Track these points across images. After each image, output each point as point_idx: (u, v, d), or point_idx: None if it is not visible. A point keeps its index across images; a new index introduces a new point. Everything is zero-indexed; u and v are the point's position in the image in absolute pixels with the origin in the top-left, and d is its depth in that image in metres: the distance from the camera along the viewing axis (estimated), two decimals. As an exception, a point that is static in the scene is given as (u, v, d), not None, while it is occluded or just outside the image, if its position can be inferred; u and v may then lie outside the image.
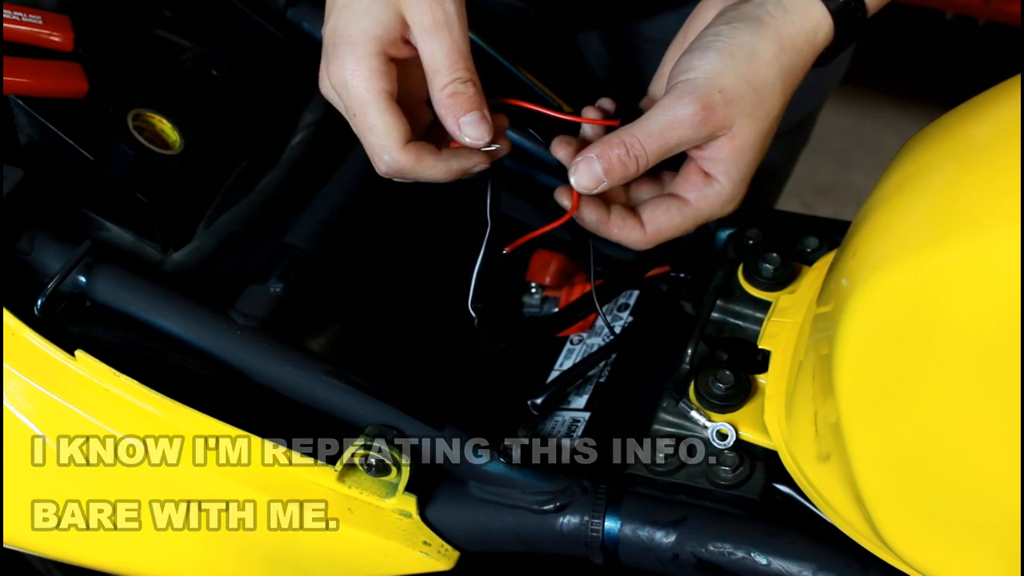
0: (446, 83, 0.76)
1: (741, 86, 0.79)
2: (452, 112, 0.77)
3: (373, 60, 0.76)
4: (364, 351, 0.96)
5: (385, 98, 0.76)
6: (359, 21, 0.76)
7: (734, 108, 0.79)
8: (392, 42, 0.77)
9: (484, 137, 0.77)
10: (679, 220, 0.84)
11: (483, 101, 0.77)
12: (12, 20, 0.87)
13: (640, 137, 0.79)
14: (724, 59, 0.79)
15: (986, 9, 2.34)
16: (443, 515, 0.83)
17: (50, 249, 0.85)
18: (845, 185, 2.57)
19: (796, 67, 0.81)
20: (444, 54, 0.76)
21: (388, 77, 0.77)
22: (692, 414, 0.83)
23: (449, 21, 0.76)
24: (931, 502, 0.67)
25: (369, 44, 0.76)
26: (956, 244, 0.62)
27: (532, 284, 1.04)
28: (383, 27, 0.76)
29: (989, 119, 0.68)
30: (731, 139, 0.80)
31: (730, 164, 0.81)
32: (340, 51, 0.77)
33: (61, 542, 0.89)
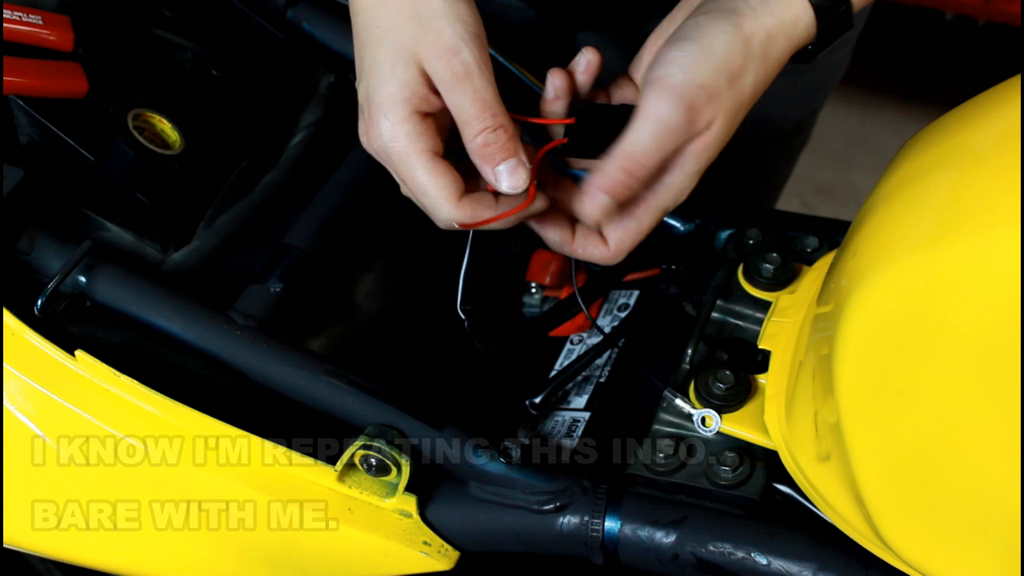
0: (476, 134, 0.75)
1: (720, 80, 0.76)
2: (487, 162, 0.76)
3: (406, 124, 0.75)
4: (364, 351, 0.96)
5: (428, 158, 0.76)
6: (385, 85, 0.76)
7: (715, 103, 0.76)
8: (422, 99, 0.76)
9: (522, 184, 0.76)
10: (634, 227, 0.81)
11: (518, 146, 0.76)
12: (12, 20, 0.87)
13: (638, 158, 0.76)
14: (702, 51, 0.76)
15: (986, 9, 2.34)
16: (443, 515, 0.83)
17: (50, 249, 0.85)
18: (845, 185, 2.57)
19: (770, 59, 0.78)
20: (469, 105, 0.75)
21: (426, 136, 0.76)
22: (677, 402, 0.83)
23: (468, 71, 0.74)
24: (931, 502, 0.67)
25: (399, 108, 0.75)
26: (956, 244, 0.62)
27: (532, 284, 1.04)
28: (409, 88, 0.75)
29: (989, 119, 0.68)
30: (701, 136, 0.78)
31: (691, 158, 0.78)
32: (374, 118, 0.76)
33: (61, 542, 0.89)
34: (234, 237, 0.94)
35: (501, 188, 0.76)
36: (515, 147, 0.76)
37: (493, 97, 0.75)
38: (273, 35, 1.00)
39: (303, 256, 0.91)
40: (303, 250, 0.91)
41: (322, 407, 0.83)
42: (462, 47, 0.74)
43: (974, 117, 0.70)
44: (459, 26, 0.75)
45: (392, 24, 0.76)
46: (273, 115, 1.00)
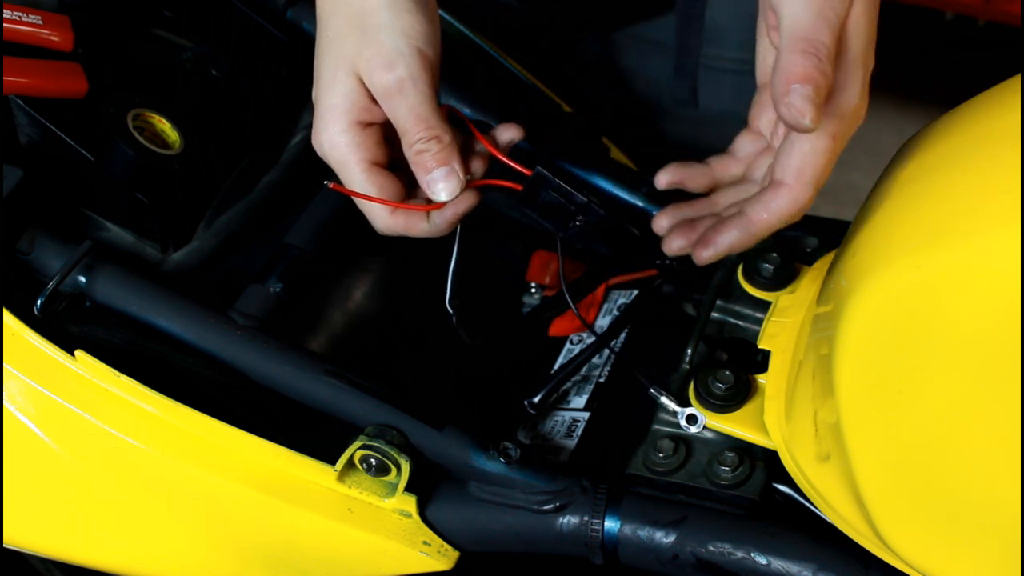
0: (411, 143, 0.77)
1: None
2: (420, 170, 0.78)
3: (345, 134, 0.78)
4: (364, 351, 0.96)
5: (365, 168, 0.78)
6: (327, 95, 0.78)
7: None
8: (363, 109, 0.78)
9: (452, 191, 0.78)
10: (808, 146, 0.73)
11: (452, 156, 0.77)
12: (12, 20, 0.87)
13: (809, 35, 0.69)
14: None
15: (986, 9, 2.34)
16: (443, 515, 0.83)
17: (50, 249, 0.85)
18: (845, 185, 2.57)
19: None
20: (403, 118, 0.77)
21: (365, 146, 0.78)
22: (663, 400, 0.83)
23: (402, 86, 0.76)
24: (931, 502, 0.67)
25: (339, 119, 0.78)
26: (956, 244, 0.62)
27: (532, 284, 1.04)
28: (348, 99, 0.77)
29: (989, 119, 0.68)
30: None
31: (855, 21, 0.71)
32: (318, 125, 0.79)
33: (61, 542, 0.89)
34: (234, 237, 0.94)
35: (432, 194, 0.78)
36: (449, 156, 0.77)
37: (429, 111, 0.77)
38: (273, 35, 1.00)
39: (303, 256, 0.91)
40: (303, 250, 0.91)
41: (322, 407, 0.83)
42: (398, 61, 0.76)
43: (974, 117, 0.70)
44: (400, 40, 0.76)
45: (339, 33, 0.78)
46: (273, 115, 1.00)
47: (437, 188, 0.78)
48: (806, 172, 0.75)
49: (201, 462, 0.83)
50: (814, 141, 0.73)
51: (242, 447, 0.83)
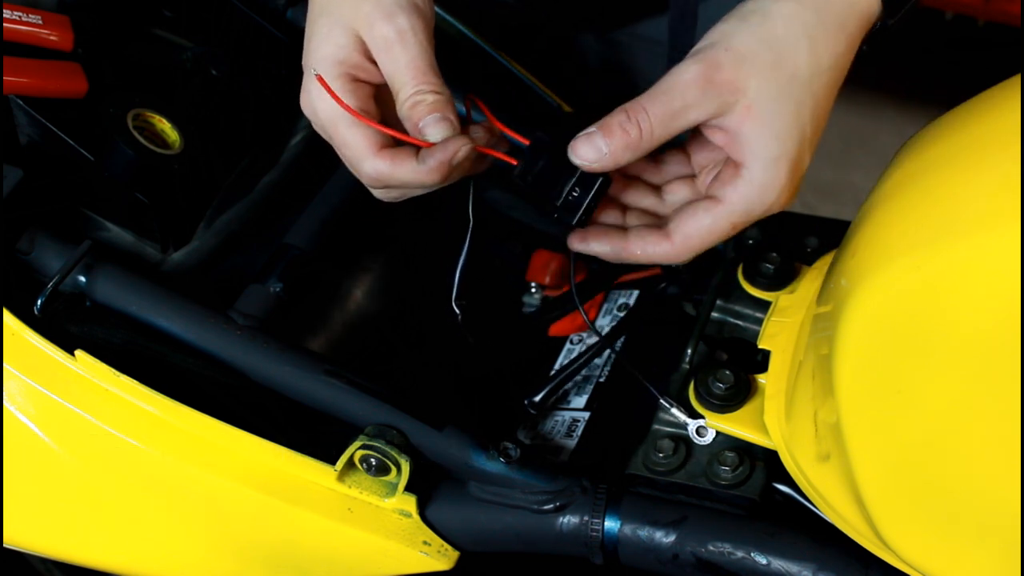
0: (406, 97, 0.75)
1: (752, 43, 0.71)
2: (412, 121, 0.75)
3: (335, 83, 0.76)
4: (364, 351, 0.96)
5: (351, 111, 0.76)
6: (320, 48, 0.76)
7: (746, 66, 0.71)
8: (355, 65, 0.76)
9: (445, 132, 0.74)
10: (708, 222, 0.75)
11: (445, 106, 0.75)
12: (12, 20, 0.87)
13: (641, 102, 0.72)
14: (734, 23, 0.73)
15: (986, 9, 2.34)
16: (443, 515, 0.83)
17: (50, 249, 0.85)
18: (845, 185, 2.57)
19: (830, 25, 0.72)
20: (402, 70, 0.75)
21: (355, 95, 0.76)
22: (673, 411, 0.83)
23: (403, 37, 0.74)
24: (931, 502, 0.67)
25: (330, 69, 0.76)
26: (956, 244, 0.62)
27: (532, 284, 1.04)
28: (343, 52, 0.76)
29: (989, 119, 0.68)
30: (749, 108, 0.72)
31: (756, 140, 0.72)
32: (305, 79, 0.77)
33: (61, 542, 0.89)
34: (234, 237, 0.94)
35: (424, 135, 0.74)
36: (444, 107, 0.75)
37: (427, 65, 0.75)
38: (273, 35, 1.00)
39: (303, 256, 0.91)
40: (303, 250, 0.91)
41: (322, 407, 0.83)
42: (398, 13, 0.74)
43: (974, 117, 0.70)
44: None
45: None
46: (273, 115, 1.00)
47: (428, 130, 0.74)
48: (692, 241, 0.76)
49: (201, 462, 0.83)
50: (716, 219, 0.75)
51: (242, 447, 0.83)
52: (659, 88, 0.73)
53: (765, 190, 0.74)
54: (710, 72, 0.72)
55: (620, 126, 0.72)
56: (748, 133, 0.73)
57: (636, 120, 0.72)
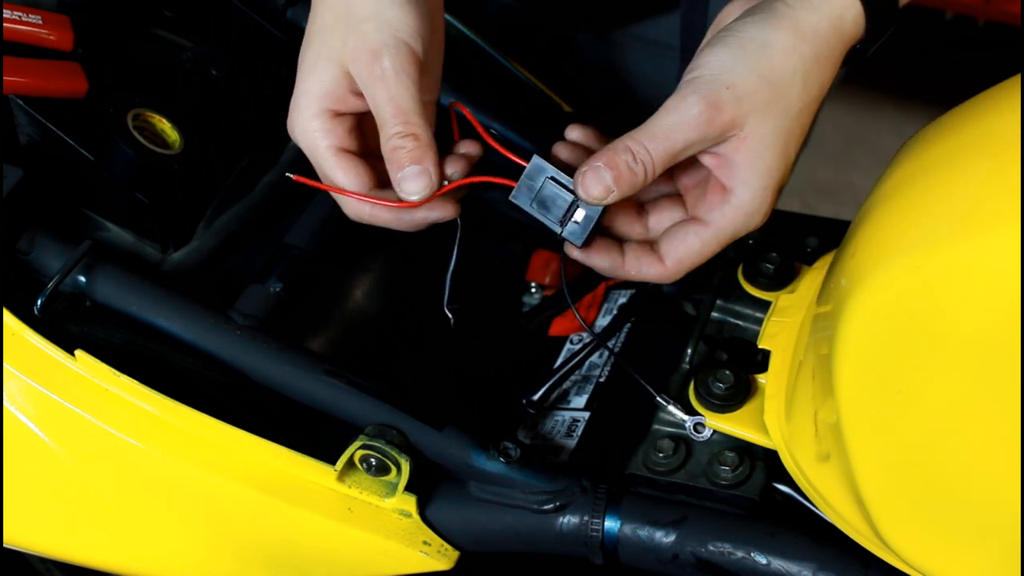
0: (387, 138, 0.76)
1: (752, 80, 0.74)
2: (393, 165, 0.77)
3: (315, 120, 0.78)
4: (364, 351, 0.96)
5: (334, 153, 0.78)
6: (304, 80, 0.78)
7: (745, 104, 0.74)
8: (338, 99, 0.78)
9: (422, 192, 0.76)
10: (699, 245, 0.78)
11: (426, 155, 0.76)
12: (12, 20, 0.87)
13: (644, 141, 0.74)
14: (732, 53, 0.74)
15: (986, 9, 2.34)
16: (443, 515, 0.83)
17: (50, 249, 0.85)
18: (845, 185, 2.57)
19: (822, 57, 0.75)
20: (383, 108, 0.76)
21: (335, 133, 0.78)
22: (670, 408, 0.83)
23: (385, 76, 0.75)
24: (931, 502, 0.67)
25: (312, 104, 0.78)
26: (956, 244, 0.62)
27: (532, 284, 1.04)
28: (326, 86, 0.77)
29: (989, 119, 0.68)
30: (743, 139, 0.75)
31: (747, 169, 0.76)
32: (291, 113, 0.79)
33: (61, 542, 0.89)
34: (234, 237, 0.94)
35: (400, 192, 0.77)
36: (422, 155, 0.76)
37: (410, 105, 0.76)
38: (273, 35, 1.00)
39: (303, 256, 0.91)
40: (303, 250, 0.91)
41: (322, 407, 0.83)
42: (383, 52, 0.76)
43: (974, 117, 0.70)
44: (386, 31, 0.76)
45: (324, 24, 0.78)
46: (273, 115, 1.00)
47: (407, 187, 0.76)
48: (684, 263, 0.79)
49: (201, 462, 0.83)
50: (705, 242, 0.78)
51: (242, 447, 0.83)
52: (662, 126, 0.75)
53: (751, 215, 0.78)
54: (712, 113, 0.74)
55: (628, 167, 0.74)
56: (740, 162, 0.76)
57: (642, 162, 0.74)
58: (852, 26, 0.76)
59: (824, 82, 0.77)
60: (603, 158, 0.75)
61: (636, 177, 0.75)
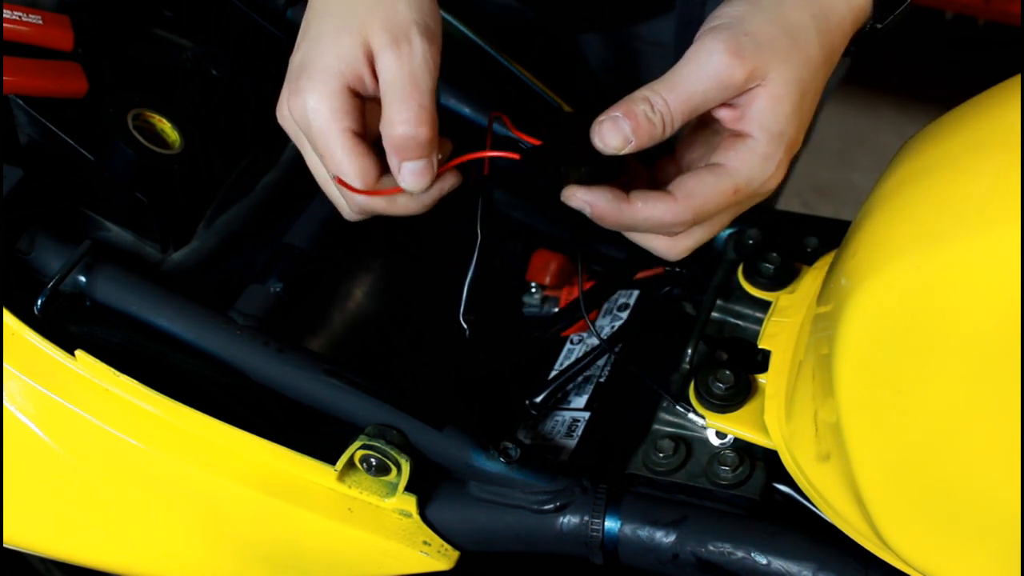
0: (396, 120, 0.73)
1: (771, 30, 0.72)
2: (398, 154, 0.74)
3: (336, 98, 0.74)
4: (364, 351, 0.96)
5: (350, 137, 0.74)
6: (324, 55, 0.74)
7: (766, 52, 0.71)
8: (357, 77, 0.74)
9: (424, 187, 0.75)
10: (712, 180, 0.74)
11: (433, 149, 0.74)
12: (12, 20, 0.87)
13: (662, 92, 0.72)
14: (746, 6, 0.73)
15: (986, 9, 2.34)
16: (443, 515, 0.83)
17: (50, 249, 0.85)
18: (845, 185, 2.57)
19: (831, 20, 0.74)
20: (399, 86, 0.73)
21: (352, 115, 0.74)
22: (690, 416, 0.83)
23: (413, 53, 0.73)
24: (931, 502, 0.67)
25: (331, 81, 0.73)
26: (956, 244, 0.62)
27: (532, 284, 1.04)
28: (347, 61, 0.73)
29: (989, 119, 0.68)
30: (765, 86, 0.72)
31: (764, 114, 0.73)
32: (302, 84, 0.74)
33: (61, 542, 0.89)
34: (234, 237, 0.94)
35: (405, 184, 0.75)
36: (431, 149, 0.74)
37: (429, 88, 0.73)
38: (273, 35, 1.00)
39: (303, 256, 0.91)
40: (303, 250, 0.91)
41: (322, 407, 0.83)
42: (412, 30, 0.73)
43: (974, 117, 0.70)
44: (416, 12, 0.73)
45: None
46: (273, 115, 1.00)
47: (411, 181, 0.74)
48: (696, 200, 0.74)
49: (201, 462, 0.83)
50: (719, 179, 0.74)
51: (242, 447, 0.83)
52: (682, 76, 0.72)
53: (766, 161, 0.74)
54: (733, 61, 0.71)
55: (647, 116, 0.72)
56: (758, 107, 0.73)
57: (660, 112, 0.72)
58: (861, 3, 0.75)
59: (836, 45, 0.75)
60: (621, 108, 0.72)
61: (655, 128, 0.72)
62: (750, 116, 0.74)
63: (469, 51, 1.08)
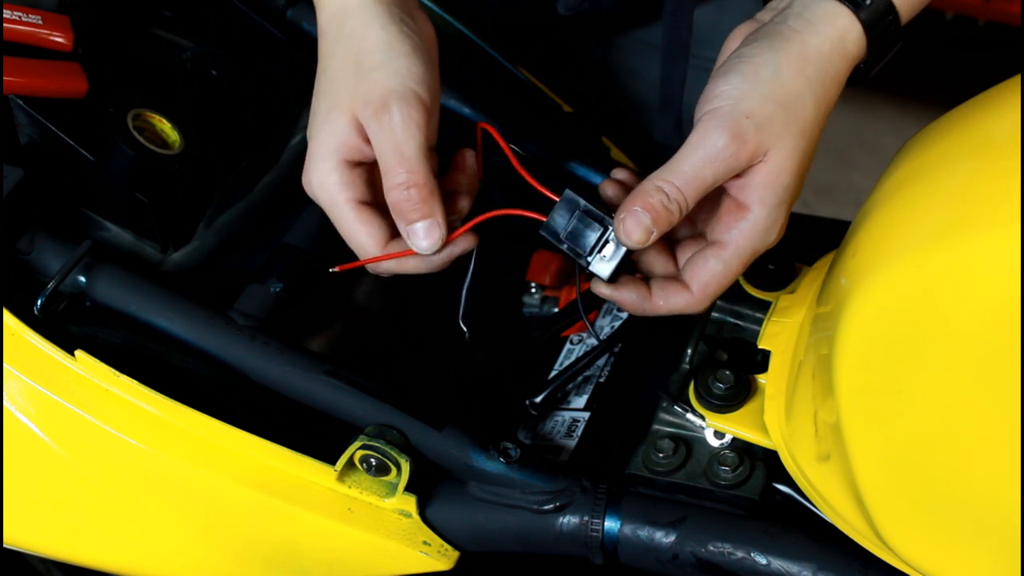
0: (391, 187, 0.77)
1: (769, 107, 0.75)
2: (402, 219, 0.78)
3: (333, 173, 0.78)
4: (364, 351, 0.96)
5: (353, 207, 0.79)
6: (318, 134, 0.79)
7: (766, 131, 0.75)
8: (352, 148, 0.78)
9: (434, 246, 0.78)
10: (721, 267, 0.79)
11: (434, 207, 0.77)
12: (12, 20, 0.87)
13: (676, 181, 0.75)
14: (747, 80, 0.75)
15: (986, 9, 2.34)
16: (443, 515, 0.83)
17: (50, 249, 0.85)
18: (845, 185, 2.57)
19: (827, 78, 0.76)
20: (387, 156, 0.77)
21: (353, 185, 0.79)
22: (688, 416, 0.83)
23: (392, 124, 0.76)
24: (931, 502, 0.67)
25: (328, 158, 0.78)
26: (956, 244, 0.62)
27: (532, 284, 1.04)
28: (339, 137, 0.78)
29: (989, 119, 0.68)
30: (765, 163, 0.76)
31: (765, 189, 0.77)
32: (308, 164, 0.80)
33: (61, 542, 0.89)
34: (234, 237, 0.94)
35: (415, 247, 0.78)
36: (431, 208, 0.77)
37: (415, 154, 0.77)
38: (273, 35, 1.00)
39: (303, 256, 0.91)
40: (303, 250, 0.91)
41: (322, 407, 0.83)
42: (391, 99, 0.76)
43: (974, 117, 0.70)
44: (395, 79, 0.77)
45: (335, 75, 0.79)
46: (273, 115, 1.00)
47: (418, 243, 0.78)
48: (710, 288, 0.80)
49: (201, 462, 0.83)
50: (728, 264, 0.79)
51: (242, 447, 0.83)
52: (691, 164, 0.75)
53: (768, 231, 0.78)
54: (737, 145, 0.75)
55: (664, 207, 0.76)
56: (758, 183, 0.77)
57: (676, 201, 0.76)
58: (854, 47, 0.77)
59: (831, 100, 0.78)
60: (638, 202, 0.76)
61: (672, 216, 0.76)
62: (751, 188, 0.77)
63: (469, 51, 1.08)
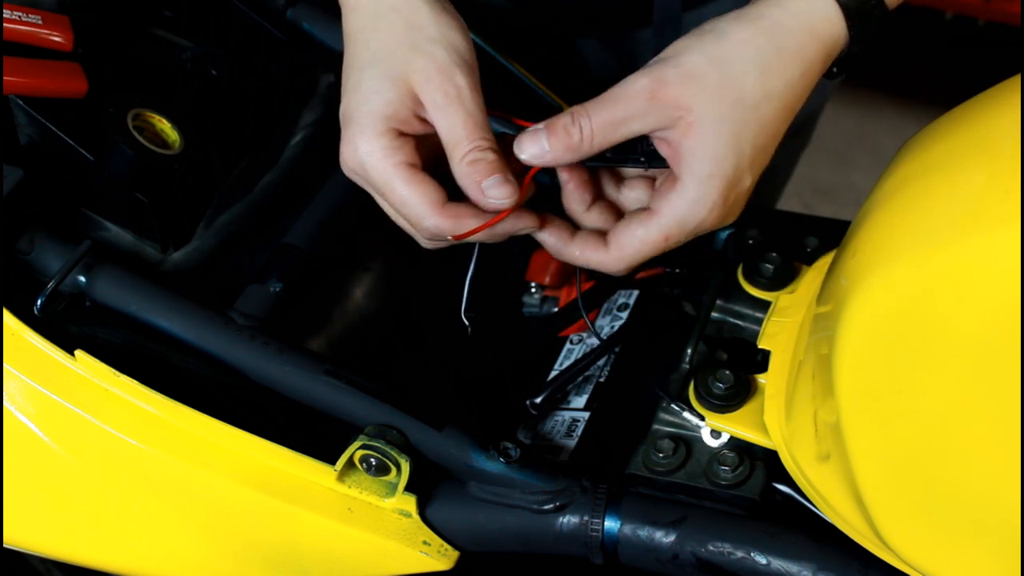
0: (465, 153, 0.75)
1: (702, 62, 0.73)
2: (473, 179, 0.76)
3: (383, 138, 0.76)
4: (364, 351, 0.96)
5: (405, 169, 0.76)
6: (368, 102, 0.76)
7: (692, 85, 0.73)
8: (403, 120, 0.76)
9: (510, 197, 0.76)
10: (640, 232, 0.77)
11: (505, 167, 0.76)
12: (12, 20, 0.87)
13: (588, 107, 0.75)
14: (691, 39, 0.75)
15: (986, 9, 2.34)
16: (443, 515, 0.83)
17: (50, 249, 0.85)
18: (845, 185, 2.57)
19: (785, 50, 0.74)
20: (460, 126, 0.75)
21: (403, 150, 0.76)
22: (685, 415, 0.83)
23: (461, 95, 0.75)
24: (931, 502, 0.67)
25: (377, 123, 0.76)
26: (956, 244, 0.62)
27: (532, 284, 1.04)
28: (392, 106, 0.76)
29: (989, 119, 0.68)
30: (691, 124, 0.73)
31: (693, 157, 0.74)
32: (350, 133, 0.77)
33: (61, 542, 0.89)
34: (234, 237, 0.94)
35: (488, 202, 0.76)
36: (503, 167, 0.76)
37: (484, 121, 0.76)
38: (273, 35, 1.00)
39: (303, 256, 0.91)
40: (303, 250, 0.91)
41: (322, 407, 0.83)
42: (455, 71, 0.76)
43: (974, 117, 0.70)
44: (453, 53, 0.76)
45: (383, 47, 0.77)
46: (273, 115, 1.00)
47: (495, 193, 0.75)
48: (626, 249, 0.78)
49: (201, 462, 0.83)
50: (648, 231, 0.77)
51: (242, 447, 0.83)
52: (607, 96, 0.75)
53: (696, 205, 0.75)
54: (656, 87, 0.73)
55: (564, 128, 0.75)
56: (687, 149, 0.74)
57: (579, 124, 0.75)
58: (828, 24, 0.75)
59: (790, 79, 0.75)
60: (544, 121, 0.76)
61: (571, 139, 0.75)
62: (680, 156, 0.75)
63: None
